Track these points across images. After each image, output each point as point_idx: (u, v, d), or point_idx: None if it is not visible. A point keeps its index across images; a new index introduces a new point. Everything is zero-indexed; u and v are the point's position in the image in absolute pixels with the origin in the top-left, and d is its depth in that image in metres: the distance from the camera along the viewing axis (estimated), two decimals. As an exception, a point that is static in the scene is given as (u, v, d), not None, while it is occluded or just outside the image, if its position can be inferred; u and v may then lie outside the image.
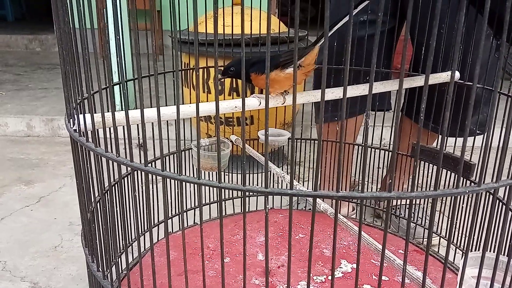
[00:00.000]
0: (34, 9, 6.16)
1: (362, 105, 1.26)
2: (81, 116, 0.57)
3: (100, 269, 0.66)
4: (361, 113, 1.28)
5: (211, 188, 1.22)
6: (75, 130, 0.58)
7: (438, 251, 1.07)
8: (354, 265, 0.94)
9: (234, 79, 1.56)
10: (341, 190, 0.43)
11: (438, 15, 0.37)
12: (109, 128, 0.63)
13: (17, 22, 5.83)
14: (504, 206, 0.86)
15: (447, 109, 0.40)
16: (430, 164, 1.04)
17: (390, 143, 1.25)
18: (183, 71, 1.67)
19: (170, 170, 0.52)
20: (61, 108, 2.33)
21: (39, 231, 1.36)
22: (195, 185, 0.55)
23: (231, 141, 1.12)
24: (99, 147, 0.55)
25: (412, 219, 1.24)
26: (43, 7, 5.80)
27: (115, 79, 1.95)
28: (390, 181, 0.42)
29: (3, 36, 4.46)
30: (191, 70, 1.59)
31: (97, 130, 0.62)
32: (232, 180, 1.57)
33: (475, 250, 0.95)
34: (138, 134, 0.78)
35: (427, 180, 1.10)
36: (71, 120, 0.60)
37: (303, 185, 1.66)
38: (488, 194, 0.94)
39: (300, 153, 1.27)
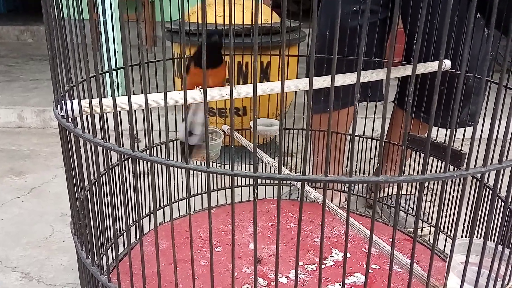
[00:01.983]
0: (26, 0, 6.10)
1: (354, 96, 1.26)
2: (68, 102, 0.57)
3: (89, 256, 0.65)
4: (353, 104, 1.28)
5: (202, 179, 1.22)
6: (62, 116, 0.57)
7: (429, 240, 1.08)
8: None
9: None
10: (330, 174, 0.43)
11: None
12: (98, 115, 0.63)
13: (9, 13, 5.77)
14: (491, 193, 0.87)
15: (435, 93, 0.40)
16: (421, 154, 1.05)
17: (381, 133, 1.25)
18: (175, 62, 1.66)
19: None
20: (53, 99, 2.31)
21: (30, 222, 1.35)
22: (186, 175, 0.55)
23: (223, 131, 1.11)
24: (87, 133, 0.55)
25: (404, 209, 1.24)
26: (35, -1, 5.74)
27: (105, 68, 1.93)
28: (378, 165, 0.42)
29: (-5, 27, 4.42)
30: (182, 61, 1.58)
31: (86, 117, 0.61)
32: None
33: (464, 237, 0.95)
34: (129, 123, 0.77)
35: (418, 169, 1.11)
36: (58, 106, 0.59)
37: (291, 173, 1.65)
38: (477, 181, 0.94)
39: (292, 144, 1.27)
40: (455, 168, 0.88)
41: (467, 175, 0.43)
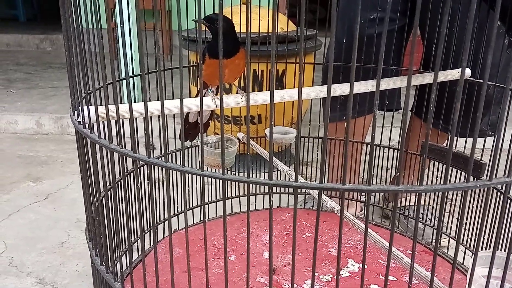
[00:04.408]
0: (45, 9, 6.23)
1: (371, 104, 1.25)
2: (85, 108, 0.57)
3: (103, 263, 0.65)
4: (370, 113, 1.27)
5: (216, 187, 1.21)
6: (79, 122, 0.58)
7: (447, 252, 1.06)
8: (361, 265, 0.92)
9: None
10: (348, 183, 0.42)
11: (450, 2, 0.35)
12: (115, 122, 0.63)
13: (28, 22, 5.90)
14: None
15: (457, 100, 0.39)
16: (439, 164, 1.02)
17: (399, 142, 1.23)
18: (190, 70, 1.67)
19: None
20: (70, 105, 2.34)
21: (46, 227, 1.36)
22: (200, 182, 0.55)
23: (238, 138, 1.11)
24: (103, 139, 0.55)
25: (421, 219, 1.22)
26: (55, 8, 5.86)
27: (123, 75, 1.95)
28: (398, 174, 0.41)
29: (15, 36, 4.51)
30: (198, 69, 1.58)
31: (103, 123, 0.61)
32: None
33: (484, 250, 0.93)
34: (144, 130, 0.77)
35: (437, 179, 1.09)
36: (75, 112, 0.60)
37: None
38: (498, 193, 0.92)
39: (307, 153, 1.26)
40: (475, 178, 0.86)
41: (490, 186, 0.42)
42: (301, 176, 1.40)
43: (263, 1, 1.25)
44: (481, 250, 0.96)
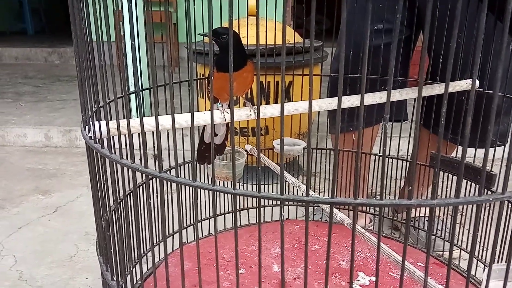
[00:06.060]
0: (53, 22, 6.32)
1: (378, 115, 1.25)
2: (96, 123, 0.57)
3: (114, 277, 0.65)
4: (378, 123, 1.27)
5: (226, 199, 1.21)
6: (90, 137, 0.58)
7: (459, 264, 1.04)
8: (372, 278, 0.91)
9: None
10: (359, 197, 0.41)
11: (459, 16, 0.36)
12: (125, 136, 0.63)
13: (37, 35, 5.98)
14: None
15: (468, 115, 0.39)
16: (449, 175, 1.02)
17: (407, 153, 1.23)
18: (198, 82, 1.68)
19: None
20: (78, 119, 2.36)
21: (55, 240, 1.36)
22: (210, 195, 0.55)
23: (246, 150, 1.11)
24: (114, 154, 0.55)
25: (431, 231, 1.21)
26: (63, 21, 5.95)
27: (132, 89, 1.97)
28: (410, 188, 0.41)
29: (23, 49, 4.57)
30: (206, 82, 1.59)
31: (113, 138, 0.62)
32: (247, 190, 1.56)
33: (497, 263, 0.92)
34: (154, 144, 0.78)
35: (446, 190, 1.08)
36: (86, 127, 0.60)
37: (319, 196, 1.63)
38: (510, 205, 0.91)
39: (315, 164, 1.26)
40: (487, 191, 0.85)
41: (503, 199, 0.41)
42: (310, 188, 1.40)
43: (268, 13, 1.25)
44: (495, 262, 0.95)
